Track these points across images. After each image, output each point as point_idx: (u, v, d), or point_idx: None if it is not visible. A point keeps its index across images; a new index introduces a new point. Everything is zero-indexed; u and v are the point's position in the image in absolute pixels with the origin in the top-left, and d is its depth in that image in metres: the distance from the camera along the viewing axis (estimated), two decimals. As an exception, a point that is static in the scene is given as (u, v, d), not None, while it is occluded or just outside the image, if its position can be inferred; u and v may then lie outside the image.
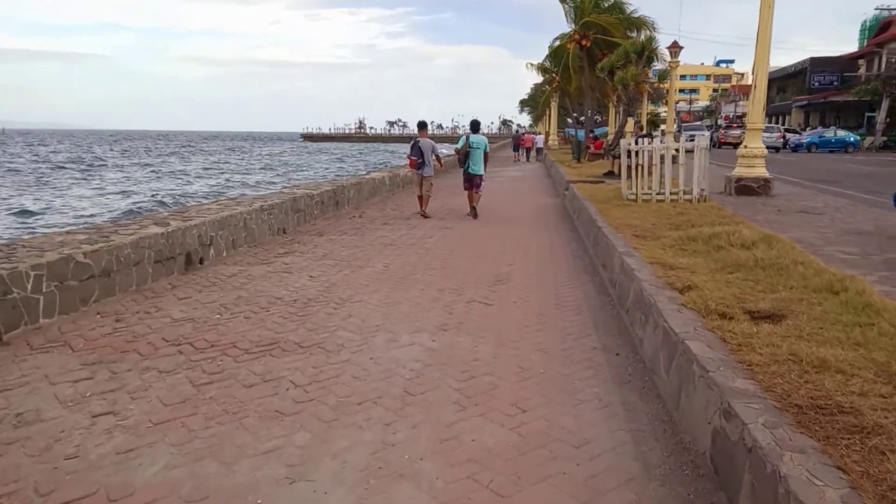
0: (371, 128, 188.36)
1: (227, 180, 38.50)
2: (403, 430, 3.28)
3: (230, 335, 4.81)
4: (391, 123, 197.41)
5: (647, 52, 23.02)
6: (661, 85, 38.97)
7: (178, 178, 39.18)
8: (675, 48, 23.64)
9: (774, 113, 72.36)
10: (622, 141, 10.40)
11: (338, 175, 38.43)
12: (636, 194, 9.59)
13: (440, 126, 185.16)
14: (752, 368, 2.94)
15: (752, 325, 3.57)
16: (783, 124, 63.27)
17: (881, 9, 45.72)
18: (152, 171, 44.60)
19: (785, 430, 2.38)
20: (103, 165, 51.07)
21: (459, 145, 12.02)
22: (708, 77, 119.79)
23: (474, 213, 11.71)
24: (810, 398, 2.60)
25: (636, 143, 10.50)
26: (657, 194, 9.56)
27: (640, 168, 9.53)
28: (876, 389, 2.66)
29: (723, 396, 2.71)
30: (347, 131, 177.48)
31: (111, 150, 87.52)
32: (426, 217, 11.80)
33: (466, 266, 7.34)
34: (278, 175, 43.92)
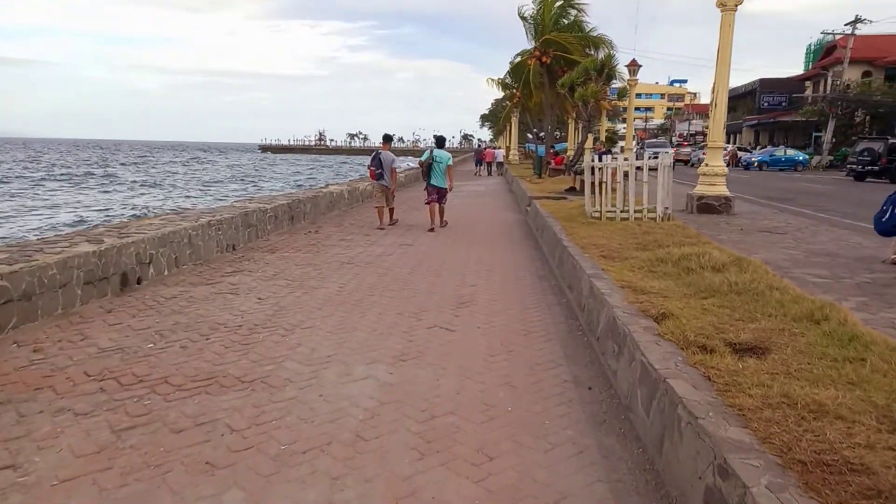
0: (331, 140, 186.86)
1: (187, 194, 37.26)
2: (354, 486, 2.87)
3: (162, 368, 4.31)
4: (352, 136, 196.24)
5: (606, 70, 23.25)
6: (619, 103, 39.58)
7: (132, 191, 37.73)
8: (633, 66, 23.94)
9: (726, 132, 74.61)
10: (585, 157, 10.23)
11: (299, 186, 37.57)
12: (600, 212, 9.40)
13: (401, 139, 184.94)
14: (745, 414, 2.64)
15: (737, 359, 3.29)
16: (734, 143, 65.34)
17: (826, 33, 47.63)
18: (107, 183, 42.90)
19: (792, 493, 2.07)
20: (52, 177, 48.94)
21: (423, 158, 12.30)
22: (662, 96, 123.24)
23: (442, 224, 12.22)
24: (814, 452, 2.31)
25: (599, 159, 10.35)
26: (621, 212, 9.39)
27: (603, 185, 9.34)
28: (883, 440, 2.39)
29: (716, 449, 2.39)
30: (307, 143, 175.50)
31: (59, 159, 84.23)
32: (393, 225, 12.41)
33: (427, 287, 6.96)
34: (240, 185, 42.79)
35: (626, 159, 9.53)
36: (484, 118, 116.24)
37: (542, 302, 6.31)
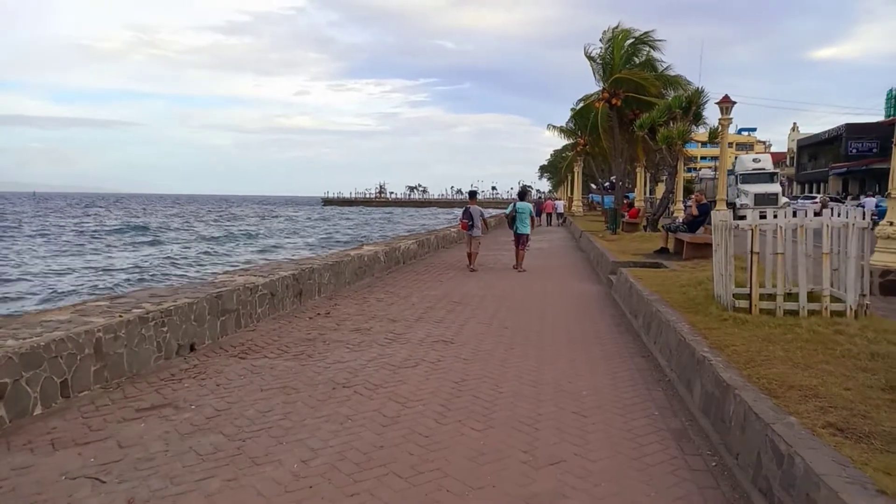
0: (391, 192, 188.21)
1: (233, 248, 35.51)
2: None
3: None
4: (411, 188, 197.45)
5: (694, 108, 19.87)
6: (695, 152, 35.56)
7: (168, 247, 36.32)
8: (726, 103, 20.31)
9: (808, 180, 68.95)
10: (716, 213, 6.82)
11: (359, 239, 35.10)
12: (751, 300, 5.90)
13: (459, 191, 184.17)
14: None
15: None
16: (820, 192, 60.43)
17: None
18: (146, 239, 41.94)
19: None
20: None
21: (508, 211, 14.31)
22: (731, 145, 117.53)
23: (520, 269, 13.63)
24: None
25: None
26: (785, 300, 5.87)
27: (756, 257, 5.87)
28: None
29: None
30: (368, 196, 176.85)
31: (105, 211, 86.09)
32: (474, 270, 13.52)
33: (467, 464, 3.66)
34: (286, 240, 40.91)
35: (785, 215, 6.06)
36: (543, 169, 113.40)
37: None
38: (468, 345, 6.73)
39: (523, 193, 15.17)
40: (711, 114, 23.13)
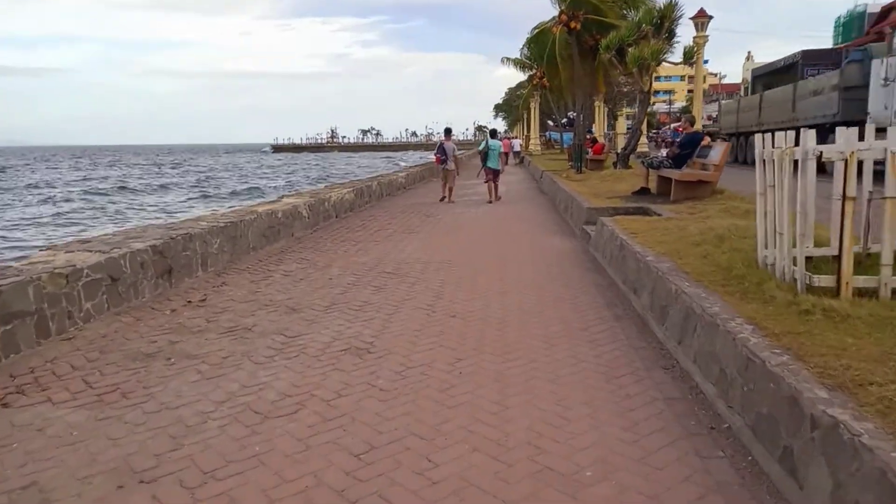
0: (343, 137, 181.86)
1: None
2: None
3: None
4: (364, 132, 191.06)
5: (667, 24, 17.38)
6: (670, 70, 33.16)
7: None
8: (702, 18, 17.93)
9: (765, 110, 67.66)
10: (757, 138, 4.48)
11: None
12: (841, 276, 3.62)
13: (414, 133, 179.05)
14: None
15: None
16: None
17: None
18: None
19: None
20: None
21: (481, 148, 15.65)
22: (682, 78, 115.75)
23: (497, 198, 14.92)
24: None
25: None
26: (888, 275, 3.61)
27: (850, 203, 3.57)
28: None
29: None
30: (319, 141, 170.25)
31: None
32: (450, 202, 14.72)
33: None
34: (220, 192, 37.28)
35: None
36: (498, 108, 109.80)
37: None
38: (393, 355, 4.34)
39: (494, 132, 17.27)
40: (681, 34, 20.78)
